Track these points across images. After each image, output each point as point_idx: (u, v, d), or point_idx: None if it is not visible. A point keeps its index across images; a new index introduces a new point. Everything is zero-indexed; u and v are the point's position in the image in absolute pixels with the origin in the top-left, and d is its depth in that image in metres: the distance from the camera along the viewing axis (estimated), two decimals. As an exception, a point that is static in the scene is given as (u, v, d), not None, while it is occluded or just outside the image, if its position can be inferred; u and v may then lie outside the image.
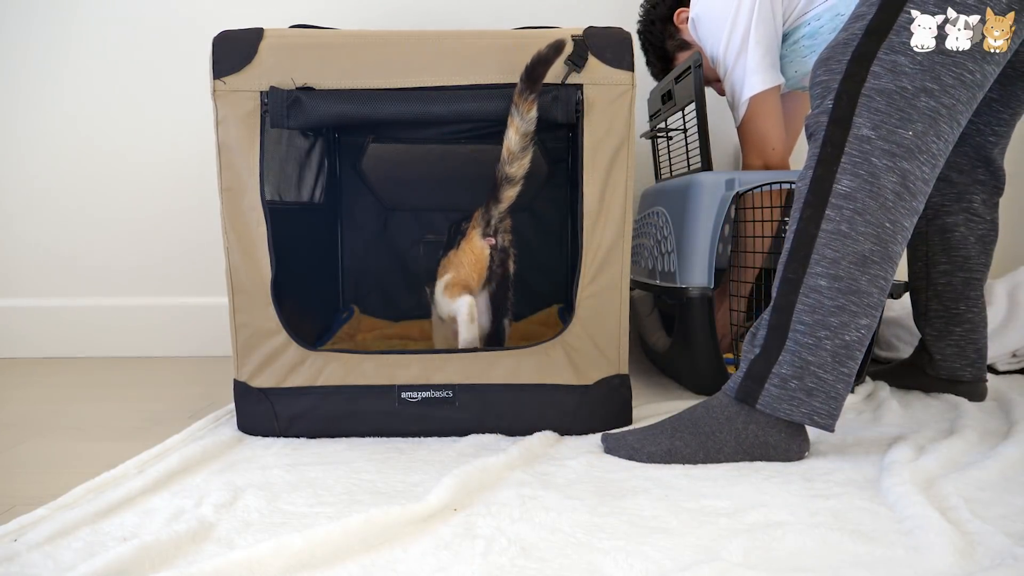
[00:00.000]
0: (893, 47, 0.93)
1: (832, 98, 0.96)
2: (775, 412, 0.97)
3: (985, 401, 1.30)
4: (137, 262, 1.92)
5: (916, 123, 0.92)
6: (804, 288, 0.96)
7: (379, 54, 1.09)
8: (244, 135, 1.08)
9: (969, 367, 1.31)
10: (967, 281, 1.30)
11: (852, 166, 0.94)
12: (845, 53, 0.95)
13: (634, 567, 0.70)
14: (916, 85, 0.92)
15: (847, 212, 0.94)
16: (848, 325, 0.95)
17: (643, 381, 1.50)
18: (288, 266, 1.18)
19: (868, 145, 0.93)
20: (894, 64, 0.92)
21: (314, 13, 1.81)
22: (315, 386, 1.12)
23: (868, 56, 0.94)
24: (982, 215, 1.28)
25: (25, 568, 0.70)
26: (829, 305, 0.95)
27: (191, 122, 1.87)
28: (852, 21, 0.97)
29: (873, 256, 0.94)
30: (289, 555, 0.70)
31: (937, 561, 0.70)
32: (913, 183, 0.93)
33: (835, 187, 0.95)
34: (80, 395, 1.49)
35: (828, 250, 0.95)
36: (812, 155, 0.98)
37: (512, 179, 1.14)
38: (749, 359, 1.00)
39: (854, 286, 0.95)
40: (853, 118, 0.94)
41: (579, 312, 1.12)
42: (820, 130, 0.97)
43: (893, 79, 0.92)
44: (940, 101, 0.92)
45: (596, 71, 1.09)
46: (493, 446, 1.06)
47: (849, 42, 0.96)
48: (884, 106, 0.93)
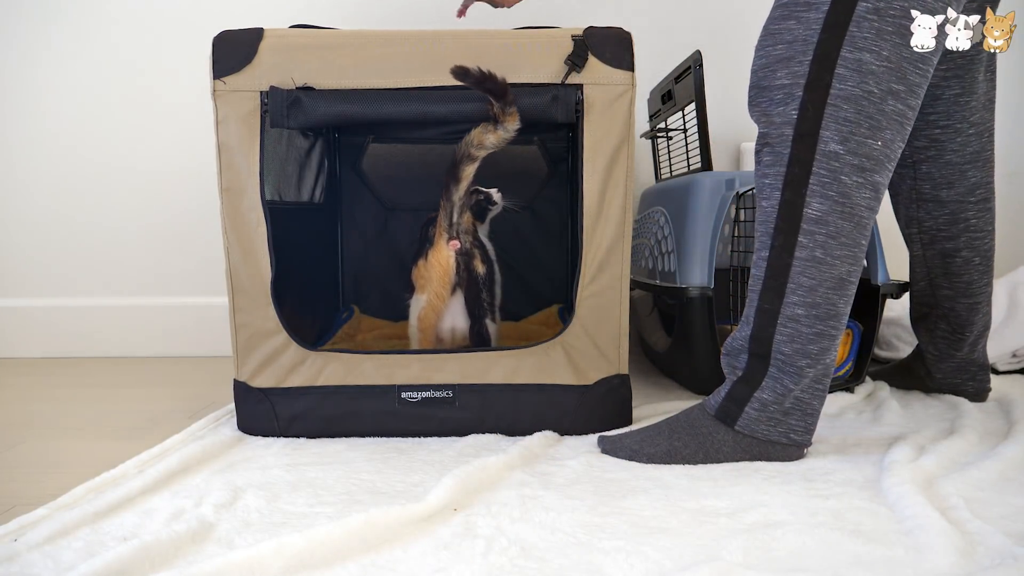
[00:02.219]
0: (856, 43, 0.87)
1: (796, 107, 0.90)
2: (753, 433, 0.97)
3: (985, 401, 1.29)
4: (137, 262, 1.92)
5: (885, 130, 0.88)
6: (781, 319, 0.93)
7: (379, 54, 1.09)
8: (244, 135, 1.08)
9: (971, 381, 1.29)
10: (971, 307, 1.25)
11: (822, 187, 0.89)
12: (806, 53, 0.88)
13: (634, 567, 0.70)
14: (883, 88, 0.87)
15: (820, 237, 0.90)
16: (828, 349, 0.94)
17: (643, 381, 1.50)
18: (288, 266, 1.18)
19: (837, 162, 0.88)
20: (859, 64, 0.87)
21: (314, 13, 1.81)
22: (315, 386, 1.12)
23: (831, 56, 0.87)
24: (983, 228, 1.22)
25: (25, 568, 0.70)
26: (808, 333, 0.93)
27: (191, 122, 1.87)
28: (805, 9, 0.89)
29: (850, 277, 0.92)
30: (289, 555, 0.70)
31: (937, 561, 0.70)
32: (882, 192, 0.90)
33: (806, 212, 0.90)
34: (80, 395, 1.49)
35: (804, 278, 0.91)
36: (776, 173, 0.92)
37: (474, 158, 1.13)
38: (731, 380, 1.00)
39: (832, 311, 0.92)
40: (820, 131, 0.88)
41: (579, 312, 1.12)
42: (784, 145, 0.91)
43: (859, 82, 0.87)
44: (907, 103, 0.88)
45: (596, 71, 1.09)
46: (493, 446, 1.06)
47: (808, 40, 0.88)
48: (852, 114, 0.87)
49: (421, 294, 1.23)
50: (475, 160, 1.13)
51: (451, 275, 1.19)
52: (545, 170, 1.69)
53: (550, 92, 1.08)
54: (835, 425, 1.16)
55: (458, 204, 1.17)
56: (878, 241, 1.33)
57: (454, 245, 1.18)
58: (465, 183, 1.16)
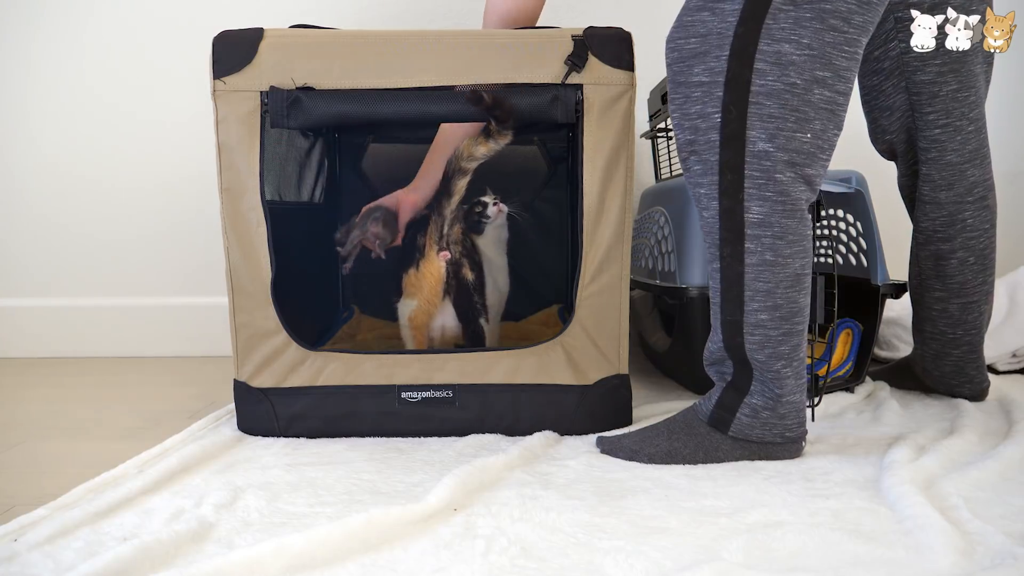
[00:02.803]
0: (773, 35, 0.83)
1: (718, 109, 0.87)
2: (748, 437, 0.97)
3: (985, 401, 1.29)
4: (137, 262, 1.92)
5: (814, 121, 0.85)
6: (747, 327, 0.93)
7: (379, 54, 1.09)
8: (244, 135, 1.08)
9: (968, 383, 1.27)
10: (964, 307, 1.21)
11: (758, 189, 0.87)
12: (722, 47, 0.85)
13: (634, 567, 0.70)
14: (807, 77, 0.84)
15: (767, 240, 0.89)
16: (799, 346, 0.94)
17: (643, 381, 1.50)
18: (288, 266, 1.18)
19: (769, 161, 0.86)
20: (779, 56, 0.83)
21: (314, 13, 1.81)
22: (315, 386, 1.12)
23: (748, 50, 0.84)
24: (979, 227, 1.19)
25: (25, 568, 0.70)
26: (775, 335, 0.92)
27: (191, 122, 1.86)
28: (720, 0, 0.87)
29: (804, 270, 0.91)
30: (289, 555, 0.70)
31: (937, 561, 0.70)
32: (816, 182, 0.89)
33: (747, 217, 0.88)
34: (80, 395, 1.49)
35: (759, 283, 0.90)
36: (711, 183, 0.90)
37: (466, 171, 1.15)
38: (721, 387, 1.00)
39: (795, 307, 0.92)
40: (746, 132, 0.86)
41: (579, 312, 1.12)
42: (711, 152, 0.88)
43: (781, 75, 0.84)
44: (836, 89, 0.85)
45: (596, 71, 1.09)
46: (493, 446, 1.06)
47: (724, 33, 0.85)
48: (777, 110, 0.84)
49: (410, 299, 1.24)
50: (467, 173, 1.15)
51: (442, 284, 1.20)
52: (545, 170, 1.69)
53: (550, 92, 1.08)
54: (835, 425, 1.16)
55: (449, 218, 1.19)
56: (878, 241, 1.33)
57: (444, 256, 1.20)
58: (457, 197, 1.18)
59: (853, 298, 1.32)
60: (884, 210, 1.44)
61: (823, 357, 1.19)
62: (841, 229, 1.43)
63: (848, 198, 1.36)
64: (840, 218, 1.43)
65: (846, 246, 1.42)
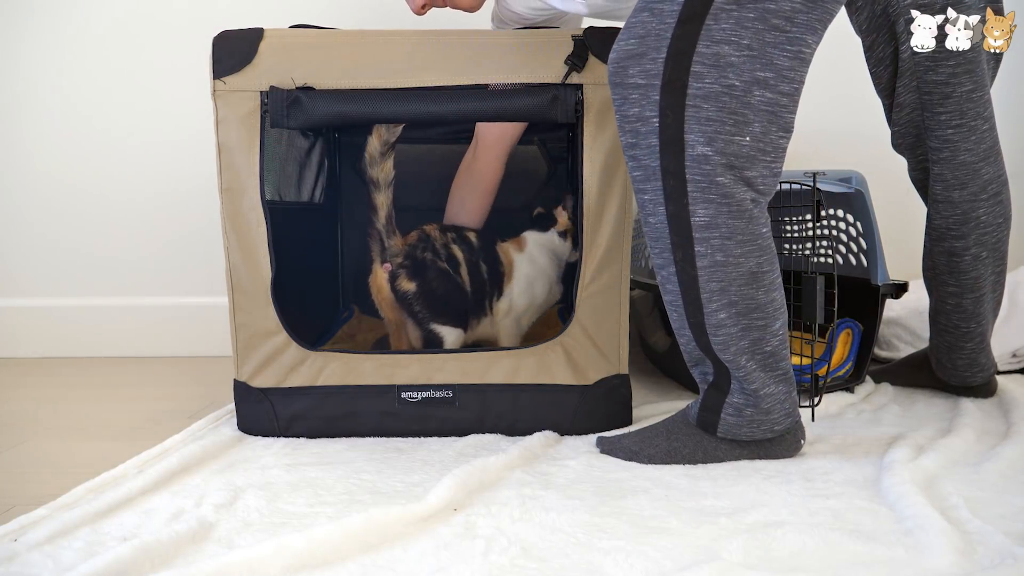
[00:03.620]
0: (713, 36, 0.82)
1: (656, 113, 0.85)
2: (736, 437, 0.97)
3: (985, 401, 1.29)
4: (137, 262, 1.92)
5: (753, 124, 0.84)
6: (710, 328, 0.92)
7: (379, 54, 1.09)
8: (244, 135, 1.08)
9: (980, 372, 1.27)
10: (978, 300, 1.21)
11: (701, 193, 0.87)
12: (659, 50, 0.83)
13: (634, 567, 0.70)
14: (746, 79, 0.82)
15: (716, 242, 0.88)
16: (762, 339, 0.93)
17: (643, 381, 1.50)
18: (288, 266, 1.18)
19: (708, 165, 0.85)
20: (717, 58, 0.82)
21: (314, 13, 1.81)
22: (315, 386, 1.12)
23: (686, 52, 0.82)
24: (993, 222, 1.18)
25: (25, 568, 0.70)
26: (735, 332, 0.92)
27: (191, 122, 1.86)
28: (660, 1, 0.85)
29: (762, 267, 0.90)
30: (289, 555, 0.70)
31: (937, 561, 0.70)
32: (762, 184, 0.87)
33: (693, 220, 0.88)
34: (80, 395, 1.49)
35: (713, 283, 0.90)
36: (655, 188, 0.89)
37: (376, 183, 1.18)
38: (703, 388, 1.00)
39: (752, 304, 0.91)
40: (684, 136, 0.85)
41: (579, 312, 1.12)
42: (652, 157, 0.88)
43: (719, 76, 0.82)
44: (778, 90, 0.84)
45: (596, 71, 1.09)
46: (493, 446, 1.06)
47: (662, 35, 0.83)
48: (715, 113, 0.83)
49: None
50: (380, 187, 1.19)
51: (388, 294, 1.23)
52: (545, 170, 1.69)
53: (550, 92, 1.08)
54: (835, 425, 1.16)
55: (384, 231, 1.21)
56: (878, 241, 1.33)
57: (387, 268, 1.22)
58: (383, 211, 1.20)
59: (853, 298, 1.32)
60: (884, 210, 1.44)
61: (823, 357, 1.19)
62: (841, 229, 1.43)
63: (848, 198, 1.36)
64: (840, 218, 1.43)
65: (846, 246, 1.42)
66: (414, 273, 1.22)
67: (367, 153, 1.18)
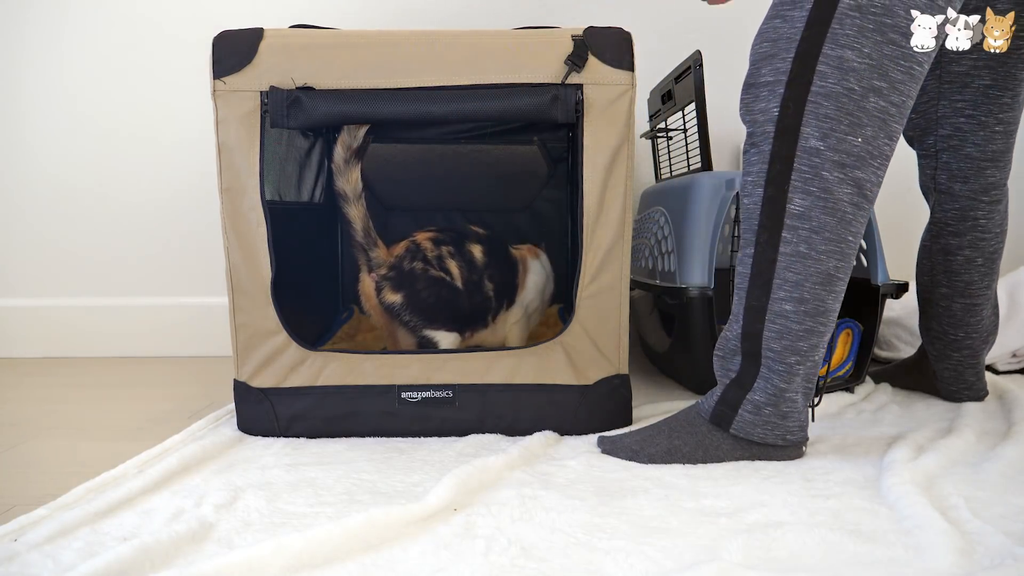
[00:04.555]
0: (837, 40, 0.87)
1: (777, 104, 0.90)
2: (749, 436, 0.97)
3: (986, 400, 1.29)
4: (137, 262, 1.92)
5: (866, 127, 0.88)
6: (770, 314, 0.93)
7: (379, 54, 1.09)
8: (244, 135, 1.08)
9: (967, 390, 1.28)
10: (967, 308, 1.24)
11: (803, 183, 0.90)
12: (789, 50, 0.89)
13: (634, 567, 0.70)
14: (864, 85, 0.87)
15: (804, 232, 0.90)
16: (817, 347, 0.94)
17: (643, 381, 1.50)
18: (288, 266, 1.18)
19: (818, 158, 0.89)
20: (840, 61, 0.87)
21: (314, 13, 1.81)
22: (315, 386, 1.12)
23: (812, 53, 0.88)
24: (991, 230, 1.21)
25: (25, 568, 0.70)
26: (797, 330, 0.93)
27: (191, 122, 1.87)
28: (789, 7, 0.90)
29: (838, 273, 0.92)
30: (289, 555, 0.70)
31: (937, 561, 0.70)
32: (869, 190, 0.90)
33: (788, 207, 0.91)
34: (80, 395, 1.49)
35: (790, 273, 0.92)
36: (760, 171, 0.93)
37: (345, 195, 1.17)
38: (723, 383, 1.00)
39: (821, 307, 0.92)
40: (801, 127, 0.89)
41: (579, 312, 1.12)
42: (766, 141, 0.92)
43: (840, 79, 0.87)
44: (890, 100, 0.88)
45: (596, 71, 1.09)
46: (493, 446, 1.06)
47: (792, 38, 0.89)
48: (833, 111, 0.88)
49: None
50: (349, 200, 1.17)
51: (377, 303, 1.23)
52: (545, 170, 1.69)
53: (550, 92, 1.08)
54: (835, 425, 1.16)
55: (364, 243, 1.20)
56: (878, 241, 1.33)
57: (373, 277, 1.22)
58: (358, 224, 1.19)
59: (853, 298, 1.32)
60: (884, 210, 1.44)
61: (823, 357, 1.19)
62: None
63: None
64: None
65: (846, 246, 1.42)
66: (399, 285, 1.20)
67: (333, 163, 1.16)
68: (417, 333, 1.22)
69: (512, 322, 1.31)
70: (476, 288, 1.25)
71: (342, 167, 1.16)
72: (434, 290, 1.21)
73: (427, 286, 1.21)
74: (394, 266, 1.21)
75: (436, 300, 1.21)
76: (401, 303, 1.20)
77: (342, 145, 1.15)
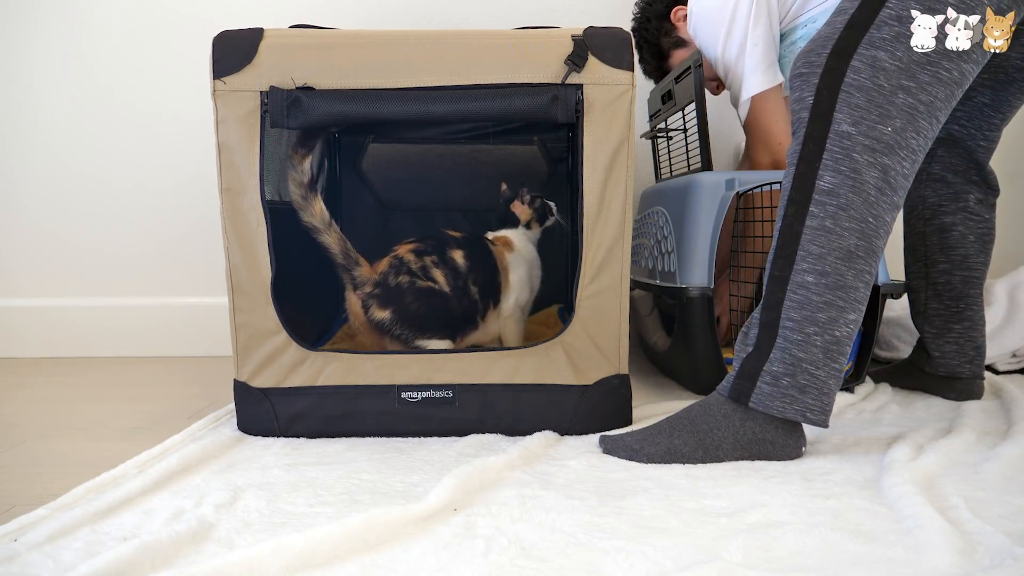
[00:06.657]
0: (873, 42, 0.93)
1: (812, 92, 0.95)
2: (768, 410, 0.97)
3: (986, 400, 1.30)
4: (137, 262, 1.92)
5: (895, 119, 0.92)
6: (791, 284, 0.96)
7: (379, 54, 1.09)
8: (244, 135, 1.08)
9: (968, 364, 1.31)
10: (966, 280, 1.30)
11: (834, 162, 0.94)
12: (825, 47, 0.95)
13: (634, 567, 0.70)
14: (893, 83, 0.92)
15: (831, 208, 0.94)
16: (837, 320, 0.95)
17: (643, 381, 1.50)
18: (288, 266, 1.18)
19: (849, 141, 0.93)
20: (873, 60, 0.92)
21: (314, 13, 1.81)
22: (315, 386, 1.12)
23: (848, 51, 0.94)
24: (979, 213, 1.30)
25: (25, 568, 0.70)
26: (817, 301, 0.95)
27: (191, 122, 1.87)
28: (835, 15, 0.97)
29: (858, 251, 0.95)
30: (289, 555, 0.70)
31: (937, 561, 0.70)
32: (894, 178, 0.94)
33: (818, 183, 0.95)
34: (80, 395, 1.49)
35: (813, 246, 0.95)
36: (794, 151, 0.98)
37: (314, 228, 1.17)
38: (741, 357, 1.01)
39: (841, 281, 0.95)
40: (833, 113, 0.94)
41: (579, 312, 1.12)
42: (801, 126, 0.97)
43: (871, 75, 0.92)
44: (918, 98, 0.93)
45: (596, 71, 1.09)
46: (493, 446, 1.06)
47: (830, 36, 0.95)
48: (863, 102, 0.93)
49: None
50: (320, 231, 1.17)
51: (364, 320, 1.22)
52: (545, 170, 1.69)
53: (550, 92, 1.08)
54: (835, 425, 1.16)
55: (345, 264, 1.20)
56: (878, 241, 1.33)
57: (359, 295, 1.21)
58: (336, 248, 1.19)
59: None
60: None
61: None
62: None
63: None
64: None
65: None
66: (386, 301, 1.20)
67: (293, 201, 1.16)
68: (409, 345, 1.21)
69: (505, 316, 1.31)
70: (463, 293, 1.24)
71: (302, 203, 1.15)
72: (423, 301, 1.21)
73: (415, 298, 1.21)
74: (379, 283, 1.20)
75: (426, 310, 1.21)
76: (390, 319, 1.20)
77: (294, 183, 1.14)
